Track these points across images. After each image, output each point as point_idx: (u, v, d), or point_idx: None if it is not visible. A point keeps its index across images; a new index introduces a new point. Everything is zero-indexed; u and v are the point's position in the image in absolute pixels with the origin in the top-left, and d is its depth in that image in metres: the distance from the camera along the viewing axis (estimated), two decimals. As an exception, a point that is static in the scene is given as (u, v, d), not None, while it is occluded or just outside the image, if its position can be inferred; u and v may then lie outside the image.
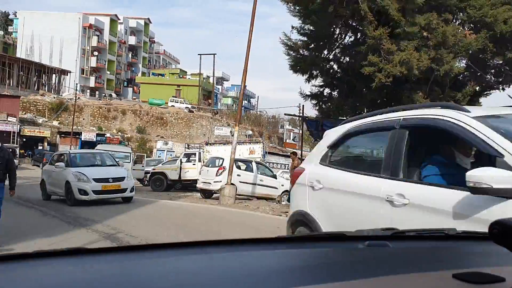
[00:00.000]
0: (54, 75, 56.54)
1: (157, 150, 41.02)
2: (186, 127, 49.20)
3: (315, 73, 10.28)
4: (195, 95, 58.30)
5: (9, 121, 36.96)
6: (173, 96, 55.85)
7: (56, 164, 12.97)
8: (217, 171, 15.98)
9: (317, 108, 11.21)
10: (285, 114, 23.02)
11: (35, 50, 61.10)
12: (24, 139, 38.48)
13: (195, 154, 22.36)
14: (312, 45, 10.08)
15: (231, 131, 46.09)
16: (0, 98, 38.74)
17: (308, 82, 10.71)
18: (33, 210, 11.22)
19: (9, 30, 68.89)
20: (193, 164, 21.23)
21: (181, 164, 21.23)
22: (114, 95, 63.98)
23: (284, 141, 60.25)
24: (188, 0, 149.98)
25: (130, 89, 72.63)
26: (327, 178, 3.79)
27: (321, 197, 3.80)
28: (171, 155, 37.92)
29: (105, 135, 41.38)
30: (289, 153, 39.62)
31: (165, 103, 52.66)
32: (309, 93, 11.11)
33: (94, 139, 39.69)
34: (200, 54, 59.80)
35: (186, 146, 29.84)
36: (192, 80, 63.78)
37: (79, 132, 41.37)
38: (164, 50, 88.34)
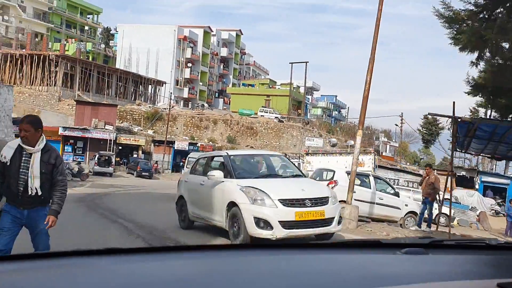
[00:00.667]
0: (150, 86, 58.11)
1: (248, 160, 39.66)
2: (276, 138, 47.80)
3: (490, 51, 7.41)
4: (285, 105, 56.73)
5: (106, 129, 37.69)
6: (262, 106, 54.99)
7: (210, 174, 7.94)
8: (327, 185, 13.41)
9: (489, 103, 8.27)
10: (429, 114, 20.18)
11: (133, 62, 63.49)
12: (120, 147, 39.05)
13: (294, 165, 19.97)
14: (481, 15, 7.27)
15: (330, 141, 43.20)
16: (99, 106, 39.86)
17: (476, 66, 7.87)
18: (116, 225, 9.43)
19: (110, 44, 72.72)
20: (292, 177, 18.90)
21: (278, 176, 18.96)
22: (206, 105, 64.44)
23: (380, 153, 56.45)
24: (277, 14, 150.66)
25: (221, 100, 73.01)
26: None
27: None
28: (262, 166, 36.09)
29: (197, 144, 41.08)
30: (397, 166, 35.88)
31: (255, 113, 51.75)
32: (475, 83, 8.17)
33: (187, 148, 39.46)
34: (292, 63, 58.36)
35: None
36: (281, 90, 62.39)
37: (172, 141, 41.35)
38: (254, 61, 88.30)
